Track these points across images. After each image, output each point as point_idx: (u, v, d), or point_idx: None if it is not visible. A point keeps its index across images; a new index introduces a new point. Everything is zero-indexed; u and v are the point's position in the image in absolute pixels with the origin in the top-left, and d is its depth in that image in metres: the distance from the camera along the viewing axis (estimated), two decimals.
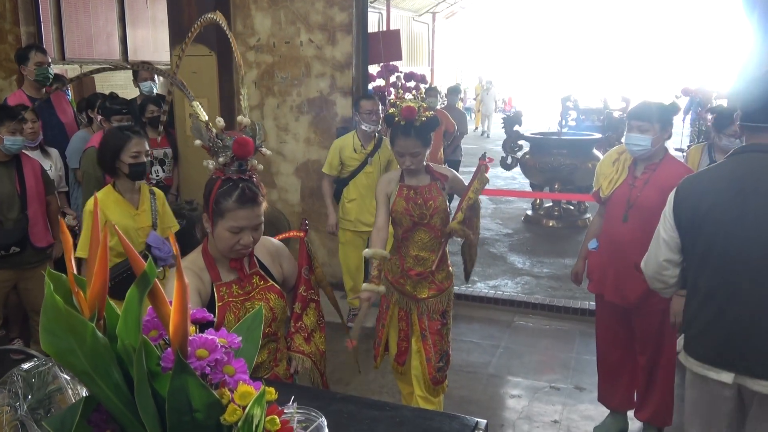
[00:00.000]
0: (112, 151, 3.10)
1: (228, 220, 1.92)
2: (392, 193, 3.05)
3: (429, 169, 3.06)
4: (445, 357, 3.14)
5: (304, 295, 2.23)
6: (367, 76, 5.57)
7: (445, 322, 3.14)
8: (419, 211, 2.99)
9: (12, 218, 3.55)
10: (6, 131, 3.51)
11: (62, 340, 0.83)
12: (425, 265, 3.06)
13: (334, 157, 4.66)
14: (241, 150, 1.89)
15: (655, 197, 2.89)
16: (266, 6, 5.32)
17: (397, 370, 3.28)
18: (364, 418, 1.75)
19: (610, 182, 3.07)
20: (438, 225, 3.03)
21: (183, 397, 0.84)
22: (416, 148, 2.93)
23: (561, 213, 8.13)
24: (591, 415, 3.59)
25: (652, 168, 2.97)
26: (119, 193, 3.15)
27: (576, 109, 11.05)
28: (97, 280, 0.87)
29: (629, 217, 2.97)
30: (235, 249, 1.97)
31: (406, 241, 3.07)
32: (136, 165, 3.12)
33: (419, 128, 2.91)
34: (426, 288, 3.09)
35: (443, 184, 3.06)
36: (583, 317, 4.94)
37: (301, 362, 2.19)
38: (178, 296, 0.82)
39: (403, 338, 3.20)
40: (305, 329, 2.22)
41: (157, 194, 3.31)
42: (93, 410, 0.93)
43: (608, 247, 3.10)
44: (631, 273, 2.97)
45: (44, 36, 6.73)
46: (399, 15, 18.16)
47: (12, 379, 1.35)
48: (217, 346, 0.89)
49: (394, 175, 3.12)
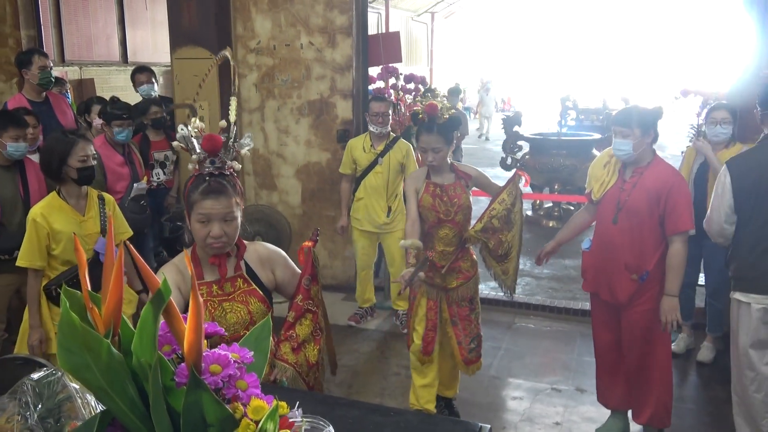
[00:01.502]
0: (59, 157, 3.06)
1: (196, 210, 2.00)
2: (420, 190, 3.23)
3: (454, 168, 3.26)
4: (476, 339, 3.38)
5: (300, 304, 2.21)
6: (367, 78, 5.58)
7: (473, 307, 3.36)
8: (444, 208, 3.17)
9: (15, 222, 3.56)
10: (9, 137, 3.51)
11: (78, 356, 0.84)
12: (450, 259, 3.25)
13: (347, 156, 4.77)
14: (208, 144, 1.98)
15: (643, 199, 2.98)
16: (266, 9, 5.33)
17: (421, 360, 3.39)
18: (369, 424, 1.77)
19: (602, 185, 3.15)
20: (461, 221, 3.22)
21: (197, 412, 0.86)
22: (438, 144, 3.12)
23: (561, 213, 8.14)
24: (592, 416, 3.60)
25: (640, 171, 3.03)
26: (64, 200, 3.11)
27: (575, 109, 11.07)
28: (112, 296, 0.88)
29: (619, 219, 3.05)
30: (208, 242, 2.02)
31: (432, 237, 3.24)
32: (84, 169, 3.08)
33: (442, 126, 3.12)
34: (454, 278, 3.29)
35: (467, 183, 3.25)
36: (584, 318, 4.95)
37: (283, 371, 2.16)
38: (193, 314, 0.83)
39: (431, 328, 3.33)
40: (295, 339, 2.20)
41: (107, 200, 3.29)
42: (108, 424, 0.95)
43: (600, 247, 3.18)
44: (621, 272, 3.07)
45: (44, 38, 6.73)
46: (398, 15, 18.16)
47: (22, 388, 1.36)
48: (230, 362, 0.90)
49: (421, 173, 3.31)
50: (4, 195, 3.56)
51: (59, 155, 3.07)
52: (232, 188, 2.02)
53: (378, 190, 4.64)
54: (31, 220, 3.02)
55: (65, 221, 3.06)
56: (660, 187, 2.96)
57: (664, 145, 14.40)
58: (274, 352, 2.19)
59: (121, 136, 4.25)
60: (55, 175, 3.14)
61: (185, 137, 2.03)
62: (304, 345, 2.22)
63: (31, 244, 3.02)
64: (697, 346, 4.38)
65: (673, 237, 2.99)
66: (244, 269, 2.16)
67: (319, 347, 2.26)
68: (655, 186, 2.97)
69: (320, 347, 2.26)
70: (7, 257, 3.53)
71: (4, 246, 3.52)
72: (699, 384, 4.10)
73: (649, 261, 3.03)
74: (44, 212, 3.04)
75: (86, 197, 3.20)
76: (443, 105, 3.15)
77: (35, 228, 3.01)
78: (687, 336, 4.42)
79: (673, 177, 3.01)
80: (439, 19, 22.86)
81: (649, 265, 3.02)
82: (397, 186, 4.71)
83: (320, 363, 2.27)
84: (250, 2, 5.36)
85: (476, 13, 26.46)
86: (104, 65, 9.32)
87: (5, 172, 3.60)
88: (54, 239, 3.04)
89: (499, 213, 3.18)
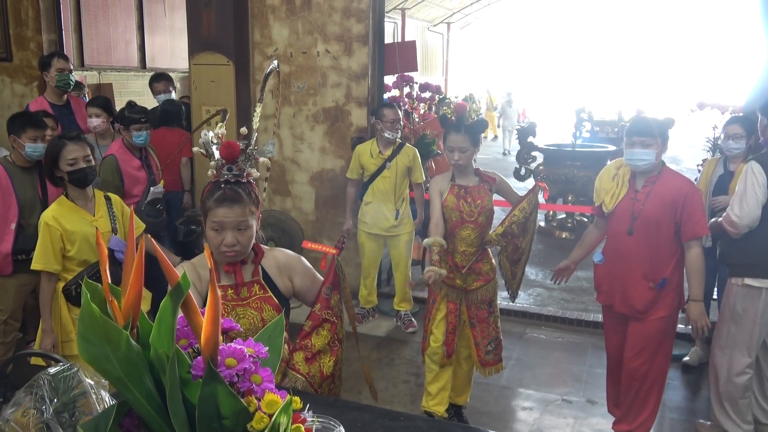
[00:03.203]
0: (50, 161, 3.10)
1: (210, 218, 1.99)
2: (444, 191, 3.33)
3: (478, 172, 3.37)
4: (494, 341, 3.45)
5: (318, 314, 2.17)
6: (383, 86, 5.61)
7: (492, 310, 3.43)
8: (468, 209, 3.27)
9: (33, 223, 3.59)
10: (27, 138, 3.56)
11: (98, 347, 0.86)
12: (471, 260, 3.33)
13: (354, 162, 4.88)
14: (225, 152, 1.96)
15: (659, 209, 3.01)
16: (284, 16, 5.38)
17: (441, 363, 3.44)
18: (378, 428, 1.77)
19: (613, 197, 3.15)
20: (483, 223, 3.31)
21: (212, 404, 0.87)
22: (465, 144, 3.23)
23: (574, 225, 8.11)
24: (602, 429, 3.58)
25: (652, 181, 3.06)
26: (72, 201, 3.14)
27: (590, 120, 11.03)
28: (132, 290, 0.90)
29: (634, 230, 3.05)
30: (221, 251, 2.01)
31: (453, 238, 3.33)
32: (74, 172, 3.08)
33: (469, 127, 3.25)
34: (474, 279, 3.37)
35: (491, 186, 3.36)
36: (596, 330, 4.93)
37: (293, 380, 2.13)
38: (211, 308, 0.85)
39: (451, 330, 3.40)
40: (310, 348, 2.16)
41: (114, 200, 3.31)
42: (125, 415, 0.96)
43: (615, 259, 3.18)
44: (638, 281, 3.08)
45: (65, 43, 6.83)
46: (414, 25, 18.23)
47: (38, 383, 1.39)
48: (246, 356, 0.92)
49: (446, 175, 3.42)
50: (23, 196, 3.61)
51: (51, 159, 3.11)
52: (247, 196, 2.00)
53: (386, 194, 4.76)
54: (44, 223, 3.03)
55: (77, 222, 3.09)
56: (675, 194, 2.99)
57: (679, 158, 14.34)
58: (287, 361, 2.16)
59: (139, 139, 4.30)
60: (52, 179, 3.18)
61: (205, 143, 2.01)
62: (319, 355, 2.17)
63: (45, 247, 3.03)
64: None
65: (691, 242, 3.02)
66: (261, 275, 2.14)
67: (336, 359, 2.20)
68: (671, 194, 2.99)
69: (337, 359, 2.21)
70: (24, 257, 3.58)
71: (22, 247, 3.57)
72: None
73: (665, 268, 3.05)
74: (55, 215, 3.06)
75: (93, 198, 3.22)
76: (471, 107, 3.25)
77: (48, 231, 3.03)
78: (699, 349, 4.39)
79: (687, 185, 3.05)
80: (455, 30, 22.91)
81: (666, 272, 3.05)
82: (404, 190, 4.83)
83: (336, 375, 2.22)
84: (268, 10, 5.41)
85: (492, 25, 26.51)
86: (123, 70, 9.44)
87: (24, 173, 3.65)
88: (68, 240, 3.07)
89: (519, 220, 3.25)
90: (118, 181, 4.18)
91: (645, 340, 3.13)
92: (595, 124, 11.18)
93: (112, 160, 4.17)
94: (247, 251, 2.08)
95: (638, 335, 3.15)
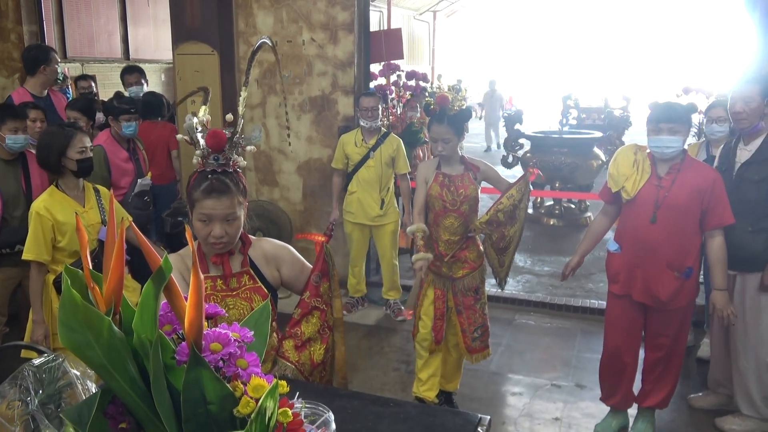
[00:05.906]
0: (58, 150, 3.11)
1: (197, 209, 1.95)
2: (429, 179, 3.33)
3: (464, 160, 3.36)
4: (480, 328, 3.45)
5: (307, 301, 2.15)
6: (369, 74, 5.59)
7: (479, 297, 3.43)
8: (451, 197, 3.27)
9: (17, 216, 3.56)
10: (7, 129, 3.52)
11: (80, 334, 0.85)
12: (454, 248, 3.33)
13: (339, 151, 4.88)
14: (212, 141, 1.90)
15: (684, 197, 2.92)
16: (268, 5, 5.33)
17: (430, 349, 3.46)
18: (368, 414, 1.77)
19: (634, 183, 3.03)
20: (467, 212, 3.30)
21: (197, 390, 0.86)
22: (448, 135, 3.22)
23: (562, 211, 8.15)
24: (592, 412, 3.61)
25: (677, 168, 2.97)
26: (63, 192, 3.15)
27: (577, 107, 11.07)
28: (113, 275, 0.89)
29: (658, 218, 2.97)
30: (209, 242, 1.98)
31: (437, 227, 3.33)
32: (83, 160, 3.14)
33: (452, 117, 3.22)
34: (460, 268, 3.37)
35: (476, 175, 3.34)
36: (584, 315, 4.97)
37: (283, 368, 2.11)
38: (194, 292, 0.84)
39: (439, 317, 3.41)
40: (300, 336, 2.14)
41: (102, 192, 3.32)
42: (109, 402, 0.95)
43: (636, 248, 3.08)
44: (663, 271, 3.00)
45: (46, 35, 6.75)
46: (400, 13, 18.13)
47: (23, 374, 1.37)
48: (231, 340, 0.91)
49: (432, 163, 3.41)
50: (7, 189, 3.57)
51: (58, 148, 3.11)
52: (235, 186, 1.96)
53: (371, 184, 4.75)
54: (35, 213, 3.03)
55: (68, 212, 3.08)
56: (702, 182, 2.92)
57: None
58: (276, 349, 2.15)
59: (129, 129, 4.27)
60: (54, 168, 3.16)
61: (189, 128, 1.94)
62: (309, 343, 2.15)
63: (37, 237, 3.04)
64: (696, 344, 4.39)
65: (714, 231, 2.99)
66: (249, 265, 2.12)
67: (326, 346, 2.18)
68: (698, 182, 2.92)
69: (328, 346, 2.19)
70: (8, 251, 3.55)
71: (6, 240, 3.53)
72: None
73: (689, 257, 3.00)
74: (47, 205, 3.06)
75: (83, 190, 3.23)
76: (453, 97, 3.24)
77: (40, 221, 3.03)
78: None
79: (713, 173, 3.00)
80: (441, 18, 22.83)
81: (690, 261, 3.00)
82: (388, 179, 4.82)
83: (327, 363, 2.20)
84: None
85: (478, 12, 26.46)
86: (106, 62, 9.32)
87: (7, 166, 3.60)
88: (59, 231, 3.06)
89: (506, 207, 3.22)
90: (106, 172, 4.15)
91: (667, 327, 3.13)
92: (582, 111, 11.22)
93: (99, 151, 4.14)
94: (235, 242, 2.06)
95: (659, 323, 3.14)
